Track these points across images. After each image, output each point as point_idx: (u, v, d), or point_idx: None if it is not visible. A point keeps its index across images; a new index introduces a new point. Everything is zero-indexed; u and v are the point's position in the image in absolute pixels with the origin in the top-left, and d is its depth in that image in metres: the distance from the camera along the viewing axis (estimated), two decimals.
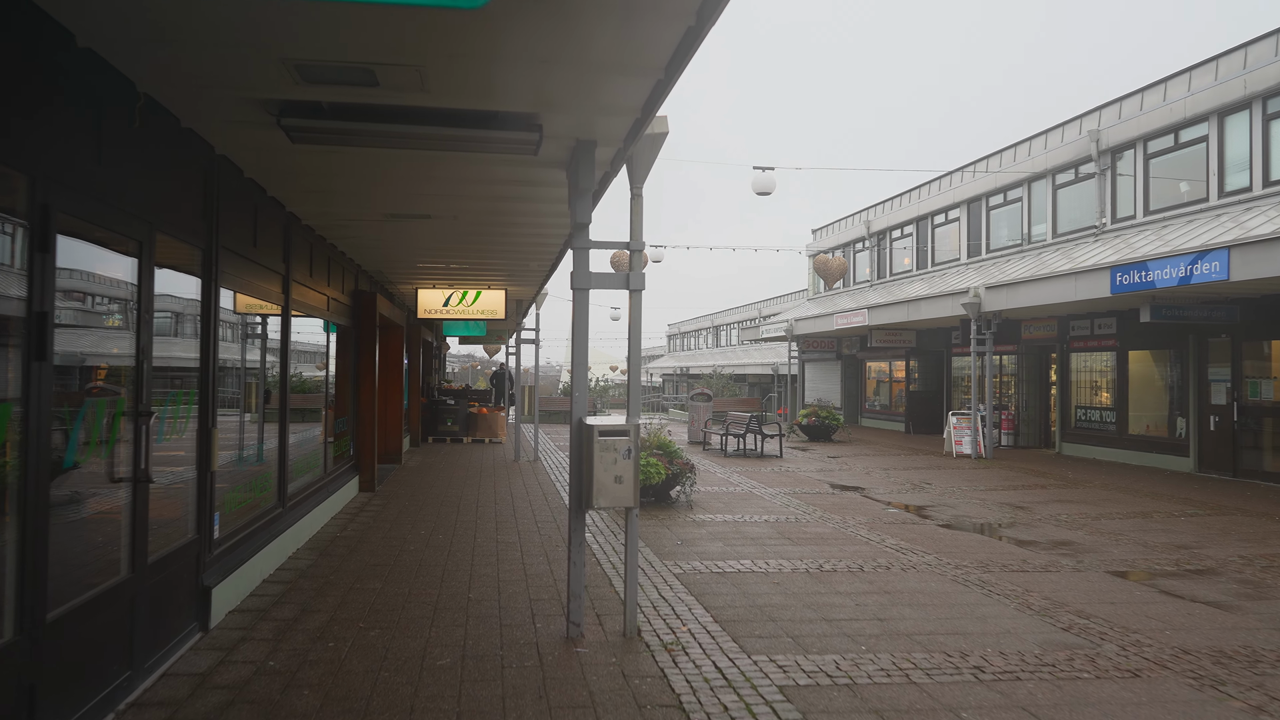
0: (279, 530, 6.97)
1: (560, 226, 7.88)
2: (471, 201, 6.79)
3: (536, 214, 7.33)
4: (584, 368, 5.26)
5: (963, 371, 23.31)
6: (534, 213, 7.27)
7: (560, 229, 7.96)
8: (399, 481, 12.52)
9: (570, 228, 5.37)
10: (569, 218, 6.92)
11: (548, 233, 8.30)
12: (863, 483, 13.60)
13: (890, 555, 7.96)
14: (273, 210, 6.79)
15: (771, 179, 16.53)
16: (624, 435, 5.07)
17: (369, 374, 11.10)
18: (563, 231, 8.09)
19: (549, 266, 10.62)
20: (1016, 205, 20.67)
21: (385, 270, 11.54)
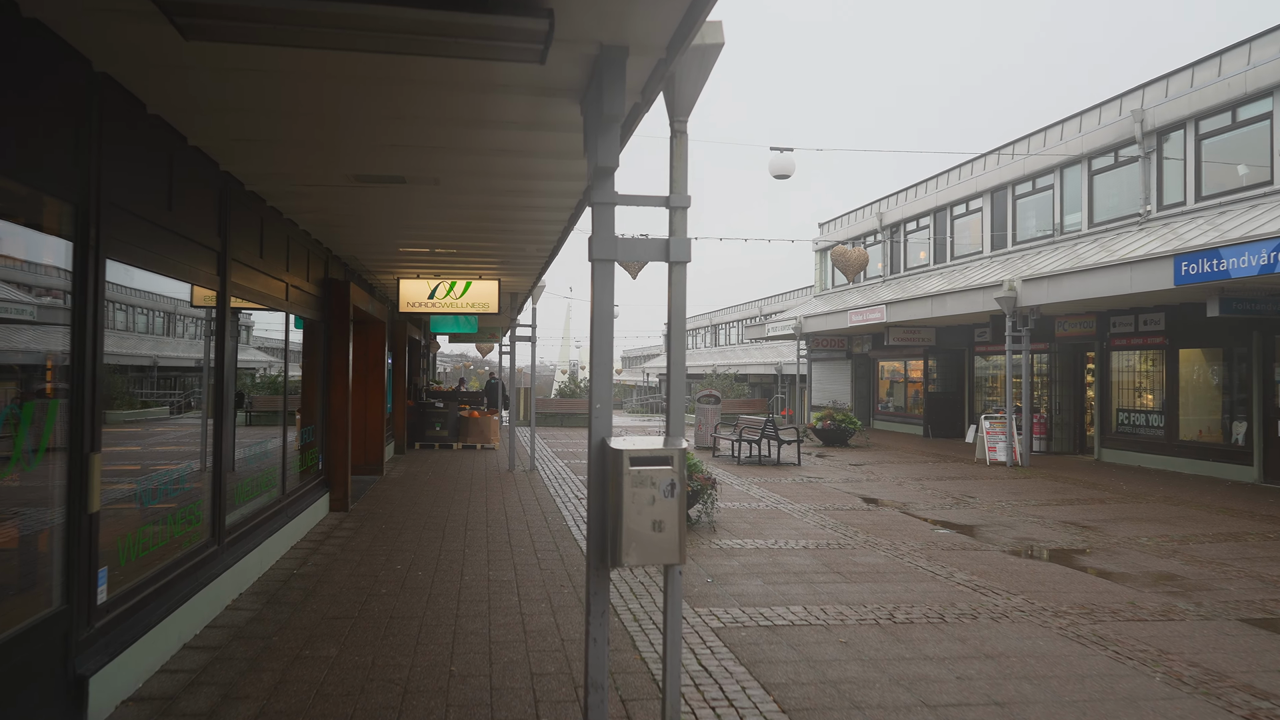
0: (212, 574, 5.50)
1: (565, 194, 6.42)
2: (454, 156, 5.33)
3: (537, 176, 5.87)
4: (607, 367, 3.81)
5: (986, 371, 21.93)
6: (534, 174, 5.82)
7: (565, 197, 6.50)
8: (378, 497, 11.04)
9: (587, 178, 3.91)
10: (581, 172, 5.50)
11: (549, 205, 6.85)
12: (897, 496, 12.19)
13: (968, 596, 6.53)
14: (199, 168, 5.32)
15: (790, 161, 15.12)
16: (665, 464, 3.63)
17: (341, 375, 9.63)
18: (568, 200, 6.63)
19: (549, 250, 9.16)
20: (1047, 194, 19.29)
21: (361, 257, 10.07)
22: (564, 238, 8.33)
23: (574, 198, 6.49)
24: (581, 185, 6.10)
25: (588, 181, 3.92)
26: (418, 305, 11.59)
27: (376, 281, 12.75)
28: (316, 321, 9.25)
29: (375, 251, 9.69)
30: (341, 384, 9.63)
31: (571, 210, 6.96)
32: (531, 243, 8.72)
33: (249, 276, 6.42)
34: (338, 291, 9.61)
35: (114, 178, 4.02)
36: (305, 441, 9.00)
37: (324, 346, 9.51)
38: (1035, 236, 19.62)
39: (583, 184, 6.04)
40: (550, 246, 8.89)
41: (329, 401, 9.58)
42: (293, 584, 6.47)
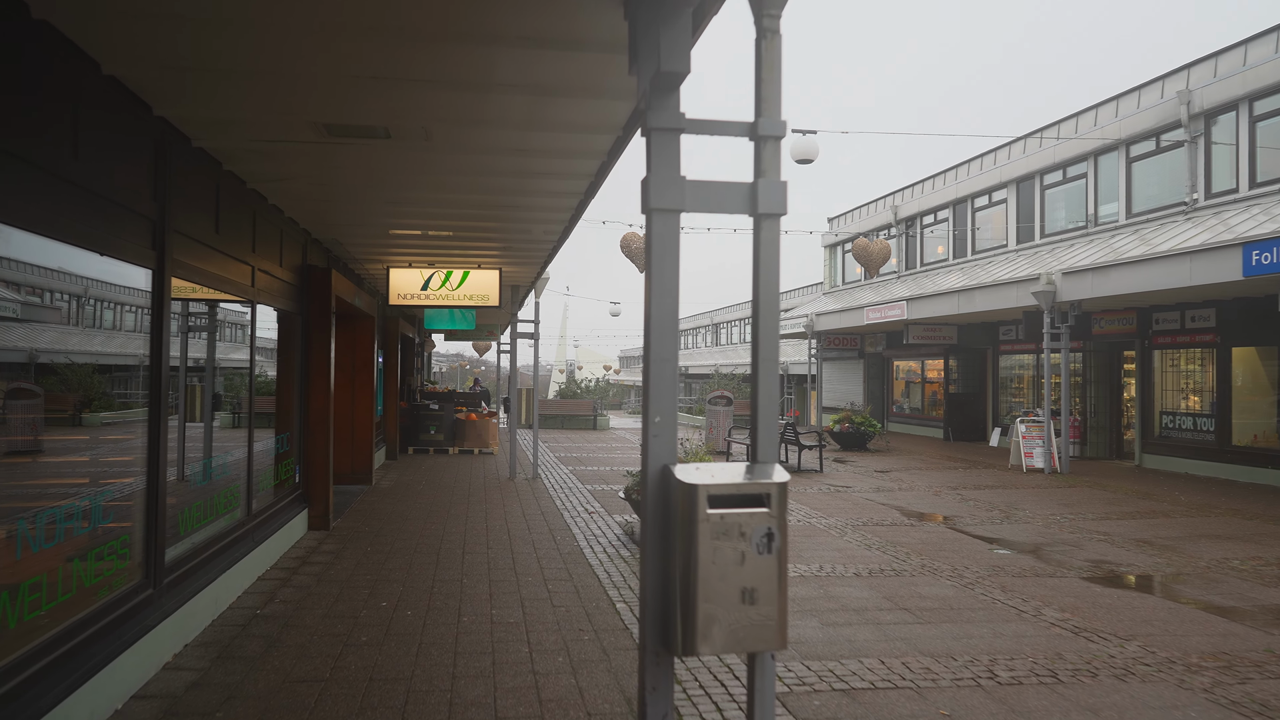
0: (143, 626, 4.35)
1: (586, 154, 5.27)
2: (448, 94, 4.19)
3: (554, 125, 4.73)
4: (669, 361, 2.67)
5: (1011, 371, 20.84)
6: (549, 123, 4.67)
7: (586, 158, 5.34)
8: (365, 512, 9.88)
9: (638, 96, 2.78)
10: (611, 119, 4.29)
11: (566, 172, 5.70)
12: (936, 508, 11.07)
13: (1072, 643, 5.40)
14: (122, 107, 4.17)
15: (814, 145, 13.98)
16: (758, 506, 2.49)
17: (322, 375, 8.47)
18: (588, 164, 5.48)
19: (559, 232, 8.02)
20: (1079, 183, 18.19)
21: (344, 241, 8.91)
22: (579, 213, 7.18)
23: (596, 159, 5.34)
24: (608, 140, 4.95)
25: (639, 102, 2.78)
26: (410, 298, 10.43)
27: (364, 272, 11.59)
28: (293, 314, 8.09)
29: (361, 234, 8.54)
30: (322, 385, 8.47)
31: (592, 177, 5.81)
32: (540, 222, 7.57)
33: (201, 255, 5.26)
34: (318, 280, 8.45)
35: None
36: (280, 451, 7.84)
37: (302, 342, 8.36)
38: (1066, 229, 18.52)
39: (610, 137, 4.89)
40: (561, 227, 7.75)
41: (308, 405, 8.42)
42: (254, 630, 5.31)
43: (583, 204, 6.66)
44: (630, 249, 16.00)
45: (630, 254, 16.05)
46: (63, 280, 4.05)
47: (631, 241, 16.02)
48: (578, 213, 7.09)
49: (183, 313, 5.33)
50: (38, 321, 3.87)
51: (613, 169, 5.53)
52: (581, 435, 22.81)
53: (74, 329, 4.14)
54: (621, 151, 5.02)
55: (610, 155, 5.20)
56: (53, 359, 4.08)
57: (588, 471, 14.23)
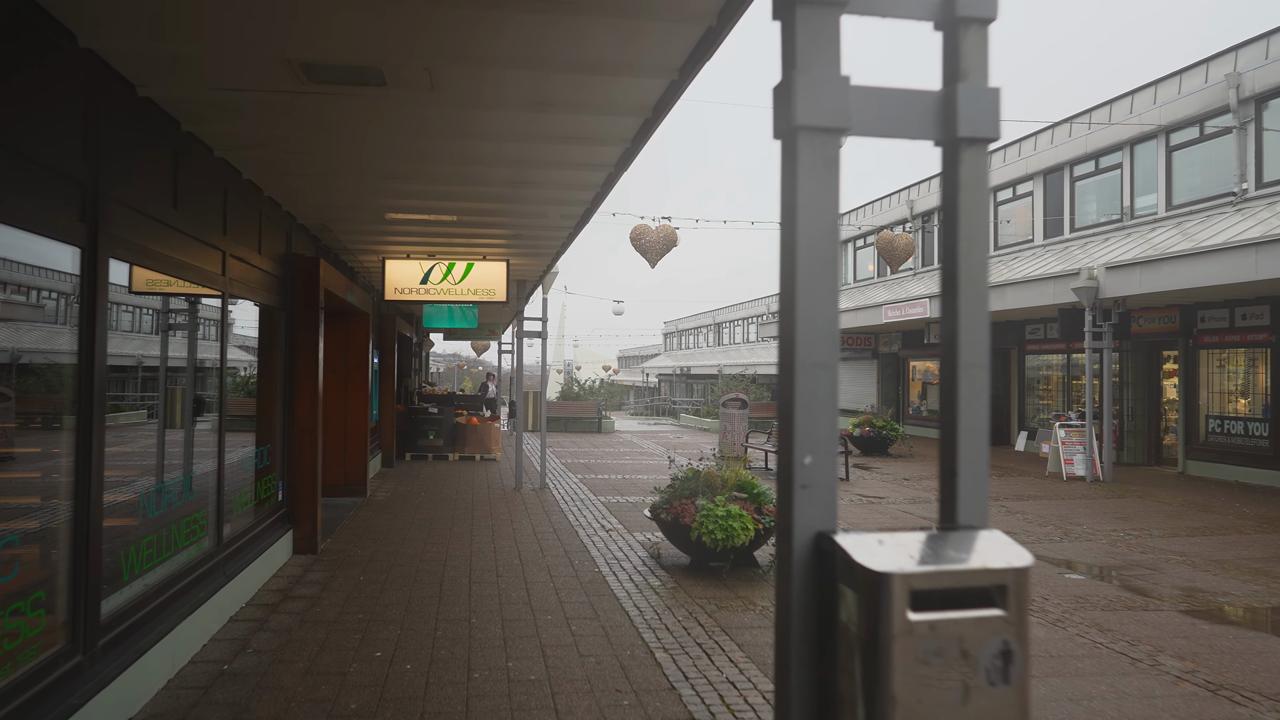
0: (67, 707, 3.38)
1: (627, 108, 4.29)
2: (453, 9, 3.21)
3: (590, 67, 3.77)
4: (829, 369, 1.70)
5: (1038, 372, 19.91)
6: (584, 63, 3.71)
7: (628, 114, 4.36)
8: (358, 530, 8.90)
9: None
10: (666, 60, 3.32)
11: (600, 133, 4.73)
12: None
13: (1213, 706, 4.44)
14: (35, 34, 3.20)
15: None
16: (987, 608, 1.53)
17: (309, 379, 7.49)
18: (627, 122, 4.50)
19: (581, 213, 7.04)
20: (1113, 174, 17.25)
21: (335, 227, 7.93)
22: (605, 192, 6.21)
23: (637, 116, 4.36)
24: (656, 89, 3.97)
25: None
26: (408, 292, 9.46)
27: (358, 265, 10.61)
28: (275, 309, 7.11)
29: (353, 219, 7.56)
30: (309, 389, 7.49)
31: (627, 143, 4.84)
32: (560, 203, 6.60)
33: (152, 234, 4.28)
34: (304, 271, 7.47)
35: None
36: (260, 466, 6.87)
37: (286, 341, 7.38)
38: (1099, 222, 17.59)
39: (659, 84, 3.91)
40: (582, 209, 6.78)
41: (293, 412, 7.44)
42: (218, 694, 4.33)
43: (611, 178, 5.69)
44: (641, 242, 15.02)
45: (641, 247, 15.07)
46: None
47: (643, 234, 15.04)
48: (604, 190, 6.12)
49: (91, 295, 4.36)
50: None
51: (654, 132, 4.57)
52: (586, 439, 21.83)
53: None
54: (672, 103, 4.04)
55: (656, 111, 4.23)
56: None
57: (599, 481, 13.26)
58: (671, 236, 15.04)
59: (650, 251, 15.09)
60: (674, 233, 15.06)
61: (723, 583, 6.90)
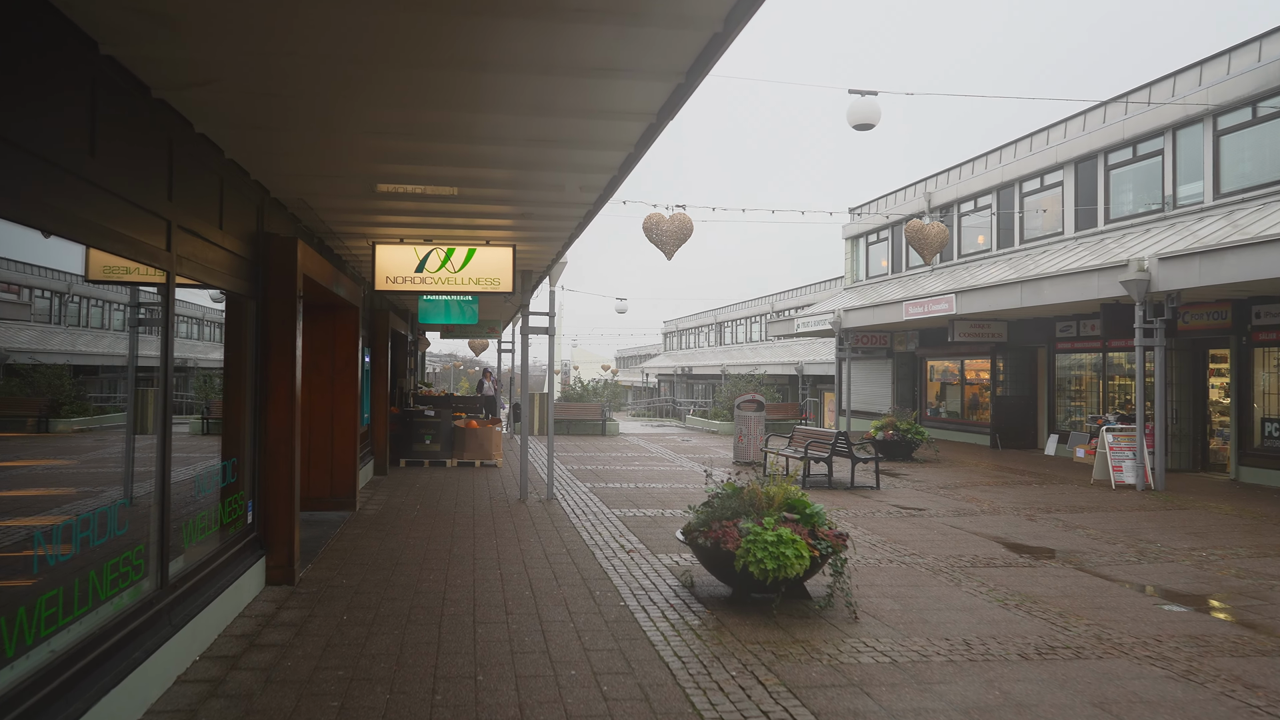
0: None
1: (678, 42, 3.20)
2: None
3: None
4: None
5: (1069, 372, 18.87)
6: None
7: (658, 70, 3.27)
8: (343, 553, 7.80)
9: None
10: None
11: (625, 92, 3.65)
12: (1042, 538, 9.06)
13: None
14: None
15: (874, 108, 11.95)
16: None
17: (284, 380, 6.40)
18: (656, 88, 3.42)
19: (605, 185, 5.96)
20: (1153, 161, 16.22)
21: (314, 199, 6.84)
22: (633, 162, 5.14)
23: (669, 81, 3.27)
24: (697, 42, 2.88)
25: None
26: (401, 281, 8.38)
27: (346, 252, 9.51)
28: (243, 297, 6.02)
29: (337, 191, 6.47)
30: (285, 392, 6.40)
31: (662, 102, 3.75)
32: (584, 169, 5.52)
33: (52, 185, 3.20)
34: (279, 254, 6.37)
35: None
36: (226, 483, 5.78)
37: (258, 335, 6.29)
38: (1136, 213, 16.55)
39: (701, 37, 2.83)
40: (607, 177, 5.70)
41: (266, 419, 6.34)
42: None
43: (652, 132, 4.61)
44: (656, 232, 13.95)
45: (656, 238, 14.00)
46: None
47: (658, 224, 13.97)
48: (638, 151, 5.04)
49: None
50: None
51: (688, 99, 3.50)
52: (591, 443, 20.74)
53: None
54: (709, 66, 2.96)
55: (690, 75, 3.15)
56: None
57: (610, 491, 12.17)
58: (687, 225, 13.98)
59: (666, 242, 14.02)
60: (690, 221, 14.00)
61: (774, 621, 5.82)
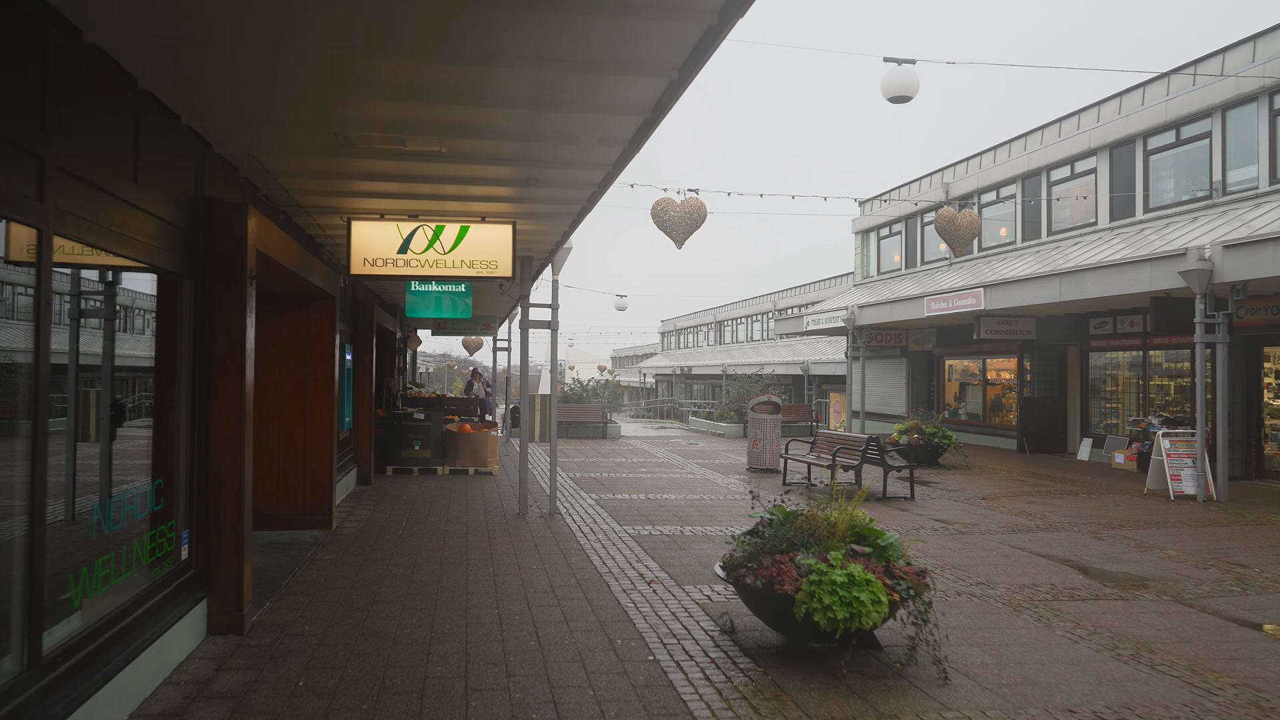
0: None
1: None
2: None
3: None
4: None
5: (1103, 372, 17.71)
6: None
7: None
8: (311, 586, 6.56)
9: None
10: None
11: None
12: (1118, 561, 7.88)
13: None
14: None
15: (912, 78, 10.76)
16: None
17: (231, 375, 5.16)
18: None
19: (619, 153, 4.75)
20: (1199, 145, 15.07)
21: (268, 156, 5.59)
22: (674, 95, 3.92)
23: None
24: None
25: None
26: (381, 264, 7.15)
27: (318, 231, 8.27)
28: (176, 276, 4.79)
29: (296, 145, 5.22)
30: (231, 394, 5.16)
31: (693, 45, 2.53)
32: (609, 109, 4.29)
33: None
34: (225, 223, 5.13)
35: None
36: (154, 510, 4.55)
37: (198, 323, 5.06)
38: (1180, 200, 15.40)
39: None
40: (639, 120, 4.47)
41: (208, 428, 5.11)
42: None
43: (693, 64, 3.38)
44: (665, 218, 12.73)
45: (665, 225, 12.78)
46: None
47: (666, 209, 12.74)
48: (669, 97, 3.83)
49: None
50: None
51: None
52: (593, 447, 19.51)
53: None
54: None
55: None
56: None
57: (619, 504, 10.95)
58: (699, 210, 12.77)
59: (676, 230, 12.80)
60: (702, 206, 12.78)
61: (845, 684, 4.61)
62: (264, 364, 8.52)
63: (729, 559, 5.32)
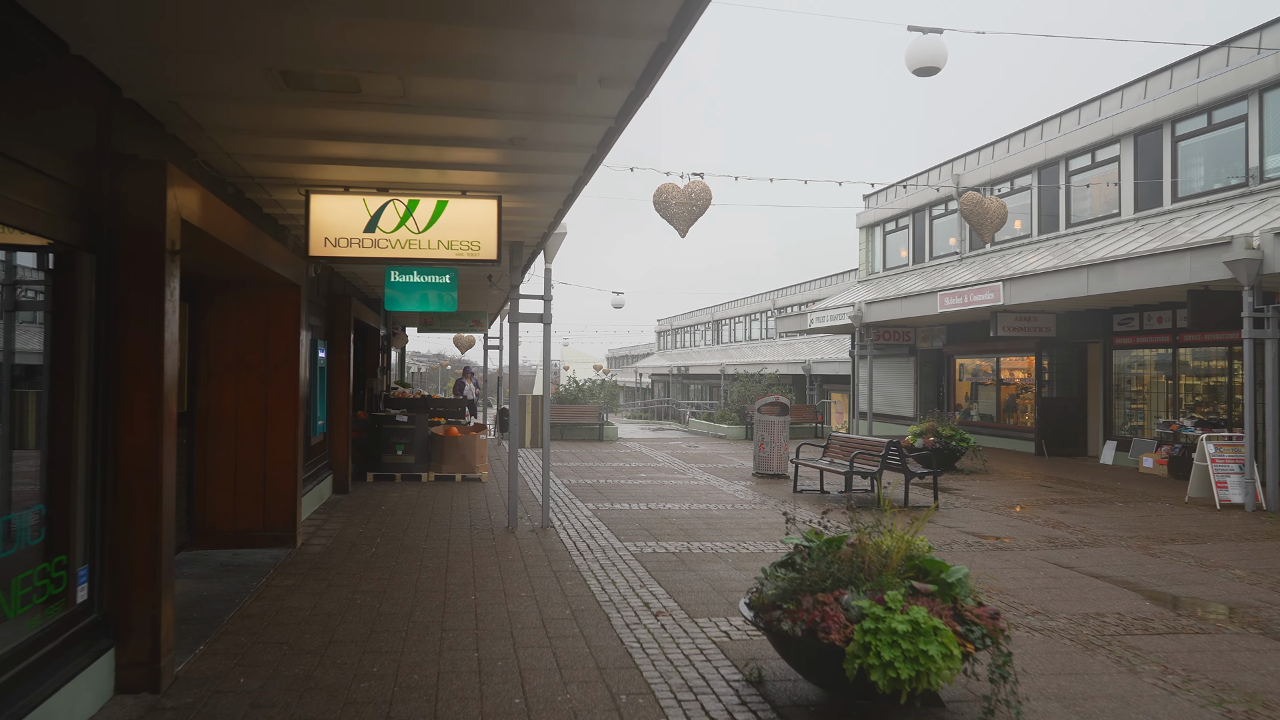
0: None
1: None
2: None
3: None
4: None
5: (1128, 370, 16.80)
6: None
7: None
8: (258, 621, 5.59)
9: None
10: None
11: None
12: (1183, 583, 6.96)
13: None
14: None
15: (940, 47, 9.82)
16: None
17: (145, 372, 4.19)
18: None
19: (624, 100, 3.79)
20: (1233, 129, 14.17)
21: (193, 105, 4.61)
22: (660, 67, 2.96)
23: None
24: None
25: None
26: (344, 245, 6.18)
27: (277, 209, 7.29)
28: (70, 248, 3.83)
29: (225, 81, 4.25)
30: (146, 395, 4.19)
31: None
32: (617, 31, 3.33)
33: None
34: (137, 183, 4.16)
35: None
36: (25, 545, 3.58)
37: (99, 307, 4.09)
38: (1212, 189, 14.50)
39: None
40: (653, 47, 3.51)
41: (116, 439, 4.14)
42: None
43: None
44: (668, 205, 11.78)
45: (667, 212, 11.83)
46: None
47: (670, 195, 11.80)
48: (673, 41, 2.88)
49: None
50: None
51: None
52: (589, 450, 18.54)
53: None
54: None
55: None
56: None
57: (619, 515, 9.99)
58: (705, 195, 11.82)
59: (679, 216, 11.86)
60: (707, 190, 11.84)
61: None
62: (218, 361, 7.57)
63: (758, 597, 4.36)
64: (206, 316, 7.54)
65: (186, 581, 6.34)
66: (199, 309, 7.50)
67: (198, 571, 6.69)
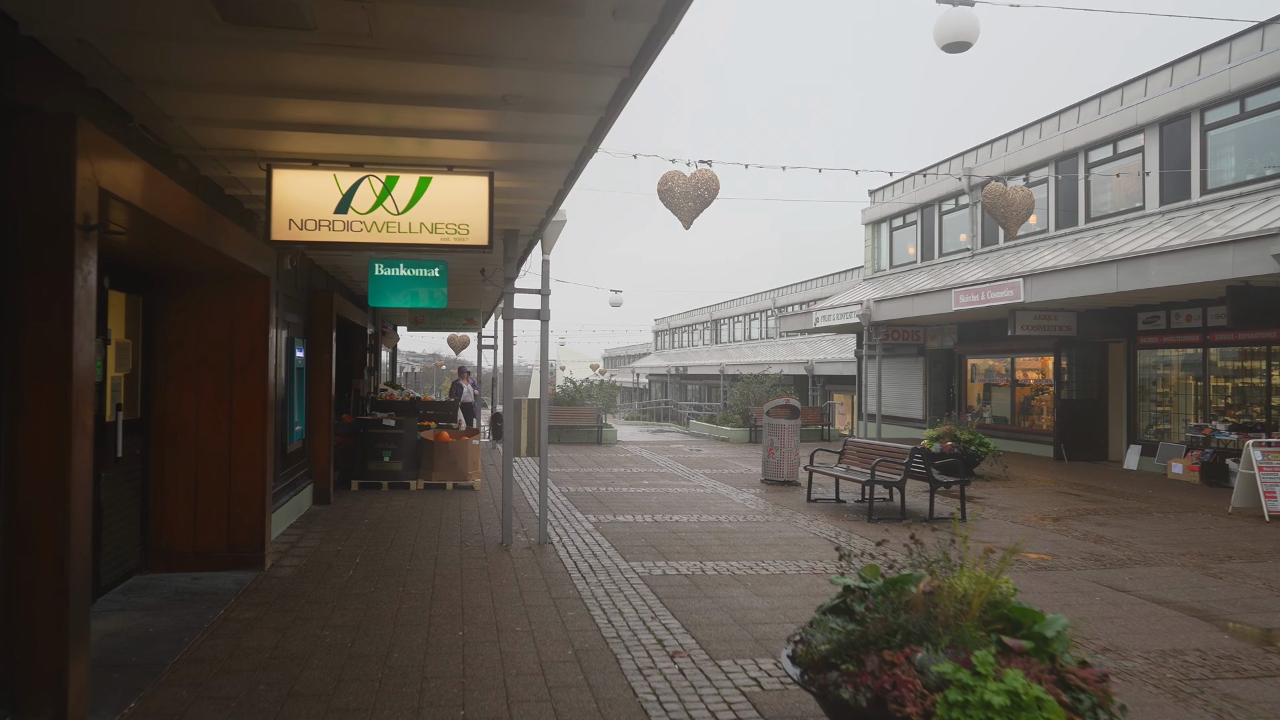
0: None
1: None
2: None
3: None
4: None
5: (1153, 371, 16.06)
6: None
7: None
8: (209, 665, 4.78)
9: None
10: None
11: None
12: (1254, 609, 6.20)
13: None
14: None
15: (971, 21, 9.04)
16: None
17: (50, 371, 3.38)
18: None
19: (634, 51, 2.98)
20: (1268, 117, 13.42)
21: (110, 45, 3.80)
22: None
23: None
24: None
25: None
26: (311, 228, 5.37)
27: (234, 184, 6.45)
28: None
29: (151, 20, 3.44)
30: (49, 407, 3.38)
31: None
32: None
33: None
34: (36, 142, 3.36)
35: None
36: None
37: None
38: (1245, 179, 13.75)
39: None
40: (633, 52, 2.71)
41: (13, 459, 3.33)
42: None
43: None
44: (673, 194, 10.99)
45: (671, 202, 11.04)
46: None
47: (674, 183, 11.00)
48: None
49: None
50: None
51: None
52: (588, 454, 17.73)
53: None
54: None
55: None
56: None
57: (623, 529, 9.18)
58: (711, 184, 11.03)
59: (683, 207, 11.07)
60: (714, 178, 11.05)
61: None
62: (177, 362, 6.75)
63: (806, 651, 3.56)
64: (164, 312, 6.72)
65: (131, 615, 5.53)
66: (155, 303, 6.68)
67: (147, 601, 5.88)
